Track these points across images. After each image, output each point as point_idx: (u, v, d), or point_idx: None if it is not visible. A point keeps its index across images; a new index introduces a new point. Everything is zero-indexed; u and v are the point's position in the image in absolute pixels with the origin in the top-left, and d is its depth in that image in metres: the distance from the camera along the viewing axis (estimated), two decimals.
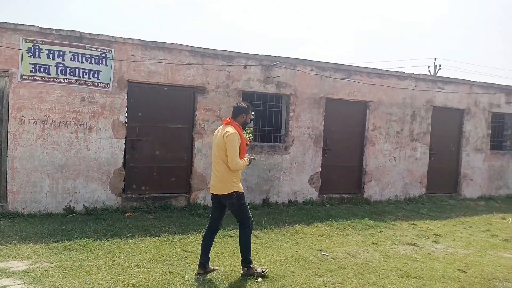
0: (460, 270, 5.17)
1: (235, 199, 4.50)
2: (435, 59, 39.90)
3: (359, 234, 6.67)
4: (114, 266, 4.64)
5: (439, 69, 29.40)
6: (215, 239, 5.77)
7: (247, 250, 4.58)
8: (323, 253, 5.55)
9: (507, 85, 11.42)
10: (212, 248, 5.42)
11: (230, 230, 6.32)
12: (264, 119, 8.89)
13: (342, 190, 9.41)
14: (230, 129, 4.48)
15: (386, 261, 5.37)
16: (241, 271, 4.62)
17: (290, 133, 8.69)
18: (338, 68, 9.07)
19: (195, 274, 4.54)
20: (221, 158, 4.47)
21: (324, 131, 9.05)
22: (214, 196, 4.70)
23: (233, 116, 4.67)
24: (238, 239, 4.67)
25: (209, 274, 4.56)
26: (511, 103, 11.28)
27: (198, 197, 7.88)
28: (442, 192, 10.47)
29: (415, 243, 6.29)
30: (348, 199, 9.28)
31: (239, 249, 4.66)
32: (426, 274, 4.94)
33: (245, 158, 4.58)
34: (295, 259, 5.25)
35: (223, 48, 8.07)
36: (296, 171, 8.80)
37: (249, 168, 8.20)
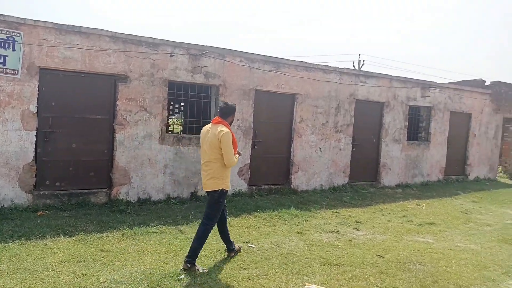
0: (378, 255, 5.42)
1: (218, 194, 4.65)
2: (359, 54, 41.88)
3: (285, 224, 6.75)
4: (20, 271, 4.20)
5: (363, 64, 30.96)
6: (137, 237, 5.56)
7: (201, 245, 4.63)
8: (249, 245, 5.52)
9: (422, 80, 12.26)
10: (133, 246, 5.20)
11: (154, 226, 6.07)
12: (193, 110, 8.64)
13: (271, 181, 9.50)
14: (224, 128, 4.60)
15: (309, 250, 5.47)
16: (182, 267, 4.50)
17: None
18: (267, 60, 9.08)
19: (229, 257, 4.90)
20: (214, 156, 4.59)
21: (254, 123, 9.04)
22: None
23: (223, 116, 4.78)
24: (196, 232, 4.70)
25: (131, 274, 4.30)
26: (426, 97, 12.14)
27: (120, 193, 7.46)
28: (363, 180, 11.01)
29: (337, 231, 6.50)
30: (277, 190, 9.39)
31: (192, 242, 4.61)
32: (347, 261, 5.11)
33: (236, 155, 4.74)
34: (220, 253, 5.15)
35: (148, 35, 7.69)
36: None
37: (176, 161, 7.97)
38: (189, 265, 4.46)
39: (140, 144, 7.61)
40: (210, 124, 4.80)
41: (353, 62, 31.53)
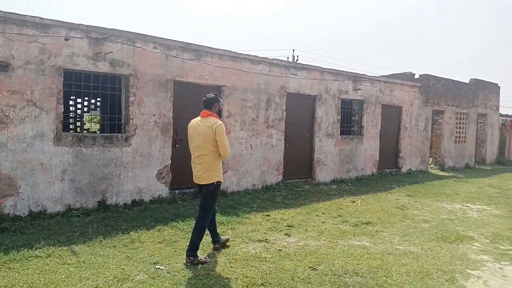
0: (311, 267, 4.66)
1: (214, 187, 4.72)
2: (293, 50, 41.99)
3: (207, 234, 5.77)
4: None
5: (297, 60, 30.83)
6: (12, 265, 4.32)
7: (200, 238, 4.70)
8: (157, 266, 4.49)
9: (354, 73, 11.91)
10: (1, 280, 3.99)
11: (39, 248, 4.85)
12: (103, 105, 7.40)
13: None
14: (216, 120, 4.70)
15: (231, 267, 4.57)
16: (184, 261, 4.60)
17: (131, 121, 7.39)
18: (187, 47, 8.05)
19: (213, 249, 4.99)
20: (209, 148, 4.65)
21: (174, 118, 7.98)
22: (200, 186, 4.81)
23: (208, 107, 4.82)
24: (194, 225, 4.80)
25: None
26: (357, 90, 11.81)
27: (5, 206, 6.07)
28: (297, 178, 10.39)
29: (266, 239, 5.68)
30: None
31: (191, 236, 4.69)
32: (275, 279, 4.28)
33: None
34: (117, 280, 4.09)
35: (34, 14, 6.34)
36: (141, 166, 7.56)
37: (77, 165, 6.72)
38: (191, 258, 4.56)
39: (29, 146, 6.25)
40: (199, 117, 4.82)
41: (287, 58, 31.32)
